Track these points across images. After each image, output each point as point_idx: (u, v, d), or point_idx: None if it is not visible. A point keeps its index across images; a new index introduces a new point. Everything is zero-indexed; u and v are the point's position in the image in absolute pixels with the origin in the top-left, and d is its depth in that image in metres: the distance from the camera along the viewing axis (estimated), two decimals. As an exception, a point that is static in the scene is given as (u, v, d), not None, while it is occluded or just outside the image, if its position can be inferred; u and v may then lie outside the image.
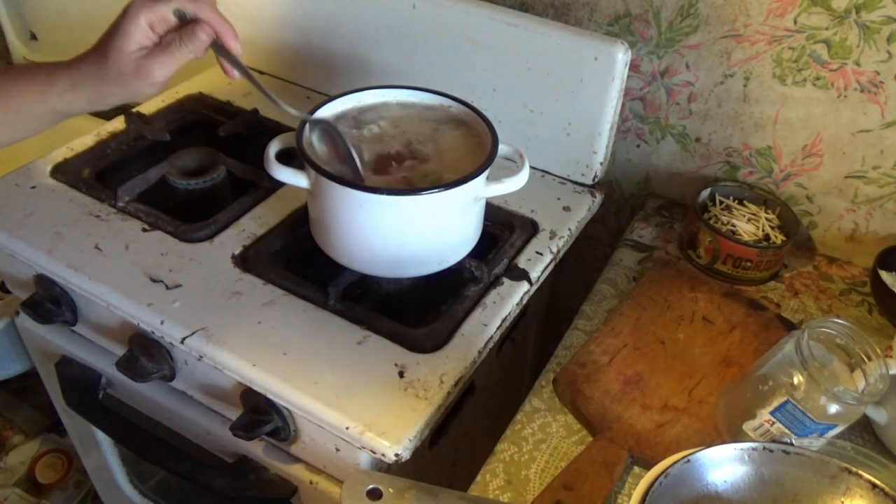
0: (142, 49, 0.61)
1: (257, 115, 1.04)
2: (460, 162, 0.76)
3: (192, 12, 0.62)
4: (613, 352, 0.76)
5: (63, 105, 0.63)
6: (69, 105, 0.63)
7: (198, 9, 0.62)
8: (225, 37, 0.63)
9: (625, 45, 0.84)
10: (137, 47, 0.61)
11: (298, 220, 0.86)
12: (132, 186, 0.88)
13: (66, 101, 0.63)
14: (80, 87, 0.62)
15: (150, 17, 0.60)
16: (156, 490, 1.16)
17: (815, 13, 0.81)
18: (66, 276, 0.78)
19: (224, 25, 0.63)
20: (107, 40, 0.61)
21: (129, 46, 0.60)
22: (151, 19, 0.60)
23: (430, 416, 0.66)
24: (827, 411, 0.61)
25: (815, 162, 0.90)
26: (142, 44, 0.61)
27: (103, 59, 0.61)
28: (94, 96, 0.63)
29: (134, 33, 0.60)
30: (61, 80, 0.62)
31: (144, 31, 0.61)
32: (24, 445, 1.44)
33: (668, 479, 0.52)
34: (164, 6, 0.61)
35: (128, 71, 0.61)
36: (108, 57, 0.60)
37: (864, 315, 0.86)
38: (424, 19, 0.94)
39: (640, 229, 0.97)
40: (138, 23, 0.60)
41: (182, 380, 0.82)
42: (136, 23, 0.60)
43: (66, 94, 0.62)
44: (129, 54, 0.60)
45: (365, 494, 0.54)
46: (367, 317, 0.75)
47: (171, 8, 0.61)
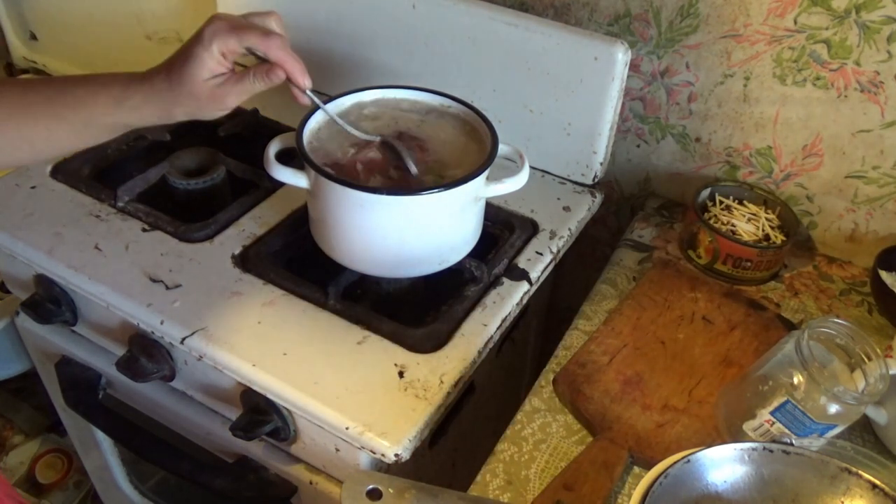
0: (215, 77, 0.63)
1: (257, 115, 1.04)
2: (460, 161, 0.76)
3: (263, 51, 0.64)
4: (613, 352, 0.76)
5: (133, 119, 0.65)
6: (139, 119, 0.65)
7: (268, 49, 0.63)
8: (294, 76, 0.66)
9: (625, 45, 0.84)
10: (211, 75, 0.63)
11: (298, 220, 0.86)
12: (132, 186, 0.88)
13: (137, 116, 0.64)
14: (152, 104, 0.64)
15: (223, 48, 0.62)
16: (156, 490, 1.16)
17: (815, 13, 0.81)
18: (66, 276, 0.78)
19: (294, 65, 0.65)
20: (181, 63, 0.62)
21: (203, 75, 0.62)
22: (224, 50, 0.62)
23: (430, 417, 0.66)
24: (827, 411, 0.61)
25: (815, 162, 0.90)
26: (214, 71, 0.63)
27: (178, 82, 0.62)
28: (164, 113, 0.64)
29: (208, 62, 0.62)
30: (135, 95, 0.63)
31: (218, 60, 0.62)
32: (24, 445, 1.44)
33: (668, 479, 0.52)
34: (237, 41, 0.62)
35: (201, 96, 0.63)
36: (183, 81, 0.62)
37: (864, 315, 0.86)
38: (424, 19, 0.94)
39: (640, 229, 0.97)
40: (212, 53, 0.62)
41: (182, 380, 0.82)
42: (210, 53, 0.62)
43: (138, 109, 0.64)
44: (203, 81, 0.62)
45: (365, 494, 0.54)
46: (367, 317, 0.75)
47: (242, 45, 0.63)
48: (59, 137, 0.64)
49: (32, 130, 0.63)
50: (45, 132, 0.63)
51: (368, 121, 0.80)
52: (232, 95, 0.64)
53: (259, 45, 0.63)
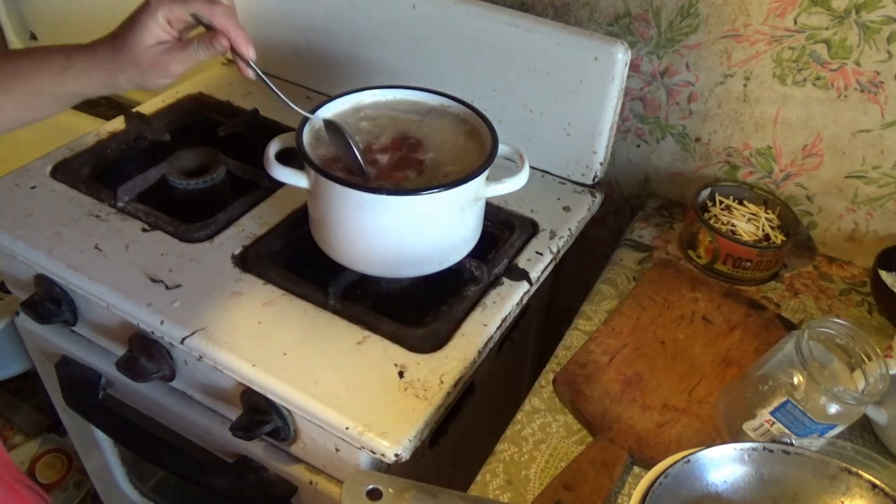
0: (160, 43, 0.64)
1: (257, 115, 1.04)
2: (460, 161, 0.76)
3: (207, 19, 0.64)
4: (613, 352, 0.76)
5: (79, 87, 0.65)
6: (85, 87, 0.66)
7: (213, 15, 0.64)
8: (238, 44, 0.66)
9: (625, 45, 0.84)
10: (155, 41, 0.63)
11: (298, 220, 0.86)
12: (132, 186, 0.88)
13: (82, 84, 0.65)
14: (96, 71, 0.64)
15: (169, 15, 0.63)
16: (156, 490, 1.16)
17: (815, 13, 0.81)
18: (66, 276, 0.78)
19: (237, 34, 0.65)
20: (125, 31, 0.63)
21: (147, 40, 0.63)
22: (169, 17, 0.63)
23: (430, 417, 0.66)
24: (827, 411, 0.61)
25: (815, 162, 0.90)
26: (160, 38, 0.64)
27: (121, 49, 0.63)
28: (109, 81, 0.65)
29: (153, 28, 0.63)
30: (79, 63, 0.64)
31: (163, 27, 0.63)
32: (24, 445, 1.44)
33: (668, 479, 0.52)
34: (182, 8, 0.63)
35: (145, 63, 0.64)
36: (126, 47, 0.63)
37: (864, 315, 0.86)
38: (424, 19, 0.94)
39: (640, 229, 0.97)
40: (157, 19, 0.62)
41: (182, 380, 0.82)
42: (155, 19, 0.62)
43: (82, 76, 0.64)
44: (147, 48, 0.63)
45: (365, 494, 0.54)
46: (367, 317, 0.75)
47: (188, 10, 0.63)
48: (7, 110, 0.65)
49: None
50: None
51: (368, 121, 0.80)
52: (175, 62, 0.64)
53: (203, 10, 0.63)
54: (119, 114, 1.02)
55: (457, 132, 0.79)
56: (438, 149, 0.77)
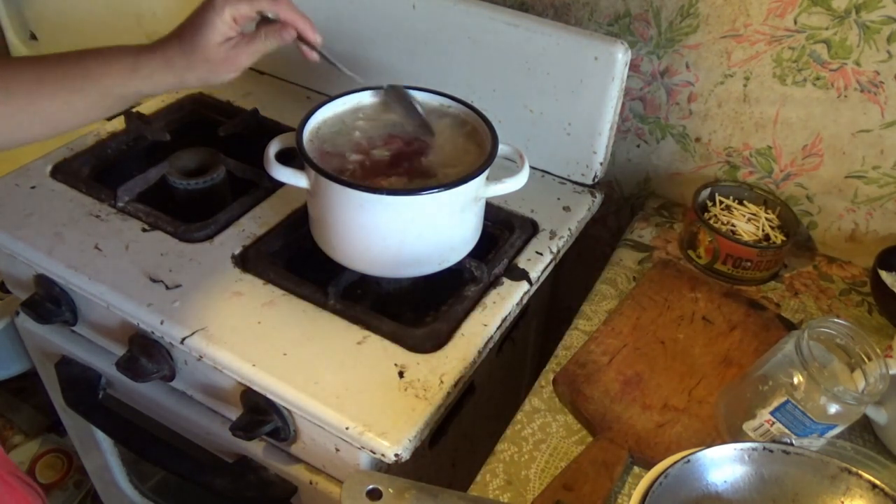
0: (227, 40, 0.66)
1: (257, 115, 1.04)
2: (460, 161, 0.76)
3: (273, 13, 0.67)
4: (613, 352, 0.76)
5: (148, 87, 0.67)
6: (154, 87, 0.67)
7: (279, 9, 0.67)
8: (307, 33, 0.69)
9: (625, 45, 0.84)
10: (223, 39, 0.65)
11: (298, 220, 0.86)
12: (132, 186, 0.88)
13: (151, 84, 0.66)
14: (166, 71, 0.66)
15: (234, 12, 0.65)
16: (156, 490, 1.16)
17: (815, 13, 0.81)
18: (66, 276, 0.78)
19: (304, 23, 0.69)
20: (192, 30, 0.65)
21: (215, 38, 0.65)
22: (235, 15, 0.65)
23: (430, 417, 0.66)
24: (827, 411, 0.61)
25: (815, 162, 0.90)
26: (227, 35, 0.65)
27: (191, 48, 0.65)
28: (178, 80, 0.67)
29: (220, 27, 0.64)
30: (149, 63, 0.65)
31: (229, 24, 0.65)
32: (24, 445, 1.44)
33: (668, 479, 0.52)
34: (248, 6, 0.65)
35: (216, 59, 0.65)
36: (196, 46, 0.65)
37: (864, 315, 0.86)
38: (424, 19, 0.94)
39: (640, 229, 0.97)
40: (223, 17, 0.64)
41: (182, 380, 0.82)
42: (222, 17, 0.64)
43: (152, 76, 0.66)
44: (217, 45, 0.65)
45: (365, 494, 0.54)
46: (367, 317, 0.75)
47: (254, 8, 0.66)
48: (77, 110, 0.66)
49: (51, 105, 0.64)
50: (63, 105, 0.64)
51: (368, 121, 0.80)
52: (244, 56, 0.66)
53: (270, 7, 0.66)
54: (119, 113, 1.02)
55: (457, 132, 0.79)
56: (438, 149, 0.77)
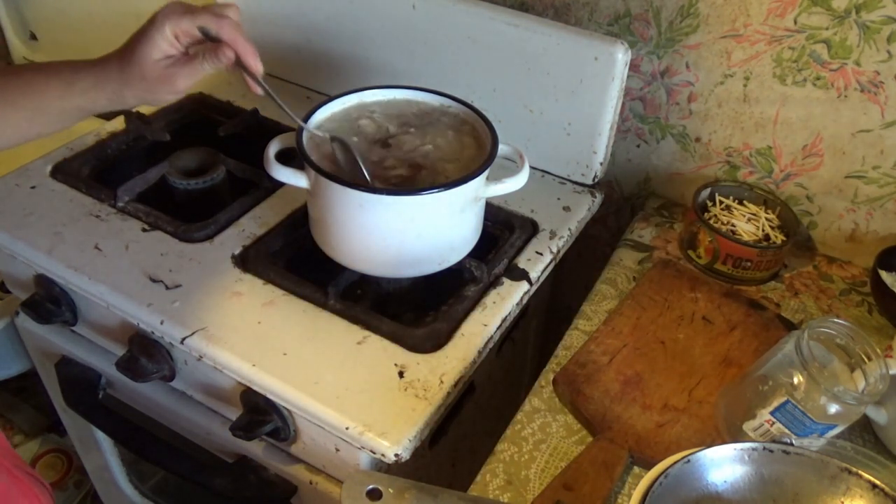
0: (167, 58, 0.64)
1: (257, 115, 1.04)
2: (460, 161, 0.76)
3: (215, 31, 0.64)
4: (613, 352, 0.76)
5: (86, 102, 0.65)
6: (91, 103, 0.65)
7: (220, 28, 0.64)
8: (246, 57, 0.66)
9: (625, 45, 0.84)
10: (162, 56, 0.64)
11: (298, 220, 0.86)
12: (132, 186, 0.88)
13: (88, 99, 0.65)
14: (102, 87, 0.64)
15: (176, 29, 0.63)
16: (156, 490, 1.16)
17: (815, 13, 0.81)
18: (66, 276, 0.78)
19: (245, 46, 0.65)
20: (133, 46, 0.63)
21: (154, 55, 0.63)
22: (177, 31, 0.63)
23: (430, 416, 0.66)
24: (827, 411, 0.61)
25: (815, 162, 0.90)
26: (167, 53, 0.64)
27: (128, 64, 0.63)
28: (115, 97, 0.65)
29: (160, 43, 0.63)
30: (86, 78, 0.64)
31: (170, 41, 0.63)
32: (24, 445, 1.44)
33: (668, 479, 0.52)
34: (190, 21, 0.63)
35: (152, 77, 0.64)
36: (133, 62, 0.63)
37: (864, 315, 0.86)
38: (424, 19, 0.94)
39: (640, 229, 0.97)
40: (164, 34, 0.63)
41: (182, 380, 0.82)
42: (162, 33, 0.62)
43: (89, 91, 0.64)
44: (154, 62, 0.63)
45: (365, 494, 0.54)
46: (367, 317, 0.75)
47: (196, 24, 0.64)
48: (13, 124, 0.65)
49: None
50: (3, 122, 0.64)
51: (368, 120, 0.80)
52: (181, 77, 0.64)
53: (211, 24, 0.64)
54: (119, 114, 1.02)
55: (457, 132, 0.79)
56: (438, 149, 0.77)
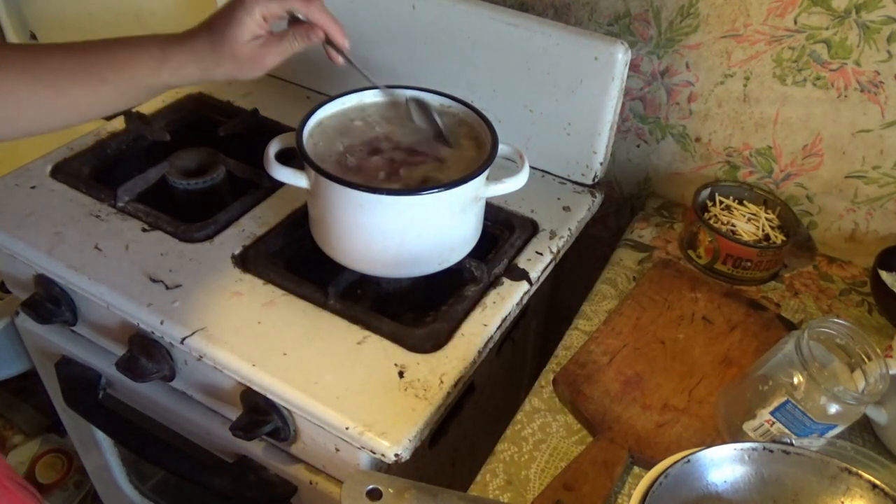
0: (255, 38, 0.65)
1: (257, 115, 1.04)
2: (460, 161, 0.76)
3: (304, 14, 0.66)
4: (613, 352, 0.76)
5: (175, 80, 0.66)
6: (180, 80, 0.67)
7: (309, 11, 0.67)
8: (335, 36, 0.69)
9: (625, 45, 0.84)
10: (251, 36, 0.65)
11: (298, 220, 0.86)
12: (132, 186, 0.88)
13: (178, 77, 0.66)
14: (193, 66, 0.66)
15: (265, 11, 0.64)
16: (156, 490, 1.16)
17: (815, 13, 0.81)
18: (66, 276, 0.78)
19: (333, 26, 0.69)
20: (222, 27, 0.64)
21: (244, 36, 0.64)
22: (265, 13, 0.65)
23: (430, 416, 0.66)
24: (827, 411, 0.61)
25: (815, 162, 0.90)
26: (255, 33, 0.65)
27: (219, 43, 0.64)
28: (205, 74, 0.66)
29: (249, 25, 0.64)
30: (176, 57, 0.65)
31: (259, 23, 0.65)
32: (24, 445, 1.44)
33: (668, 479, 0.52)
34: (279, 5, 0.65)
35: (242, 56, 0.65)
36: (225, 43, 0.64)
37: (864, 315, 0.86)
38: (424, 19, 0.94)
39: (640, 229, 0.97)
40: (253, 16, 0.64)
41: (182, 380, 0.82)
42: (252, 16, 0.64)
43: (179, 70, 0.66)
44: (243, 42, 0.65)
45: (365, 494, 0.54)
46: (367, 317, 0.75)
47: (285, 7, 0.65)
48: (103, 99, 0.66)
49: (79, 93, 0.64)
50: (90, 94, 0.65)
51: (368, 120, 0.80)
52: (272, 55, 0.66)
53: (301, 7, 0.66)
54: (119, 114, 1.02)
55: (456, 132, 0.79)
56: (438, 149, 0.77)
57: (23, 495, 0.68)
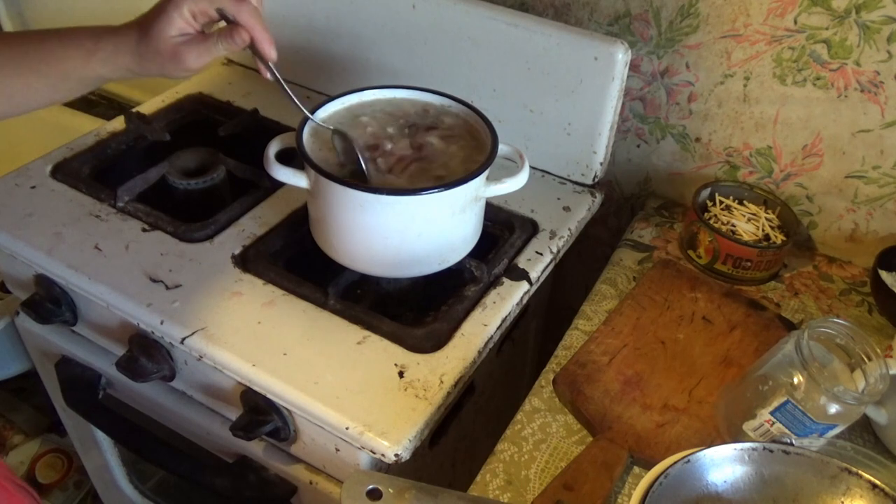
0: (182, 35, 0.64)
1: (257, 115, 1.04)
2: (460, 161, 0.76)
3: (232, 14, 0.64)
4: (613, 352, 0.76)
5: (106, 71, 0.66)
6: (111, 72, 0.66)
7: (238, 12, 0.64)
8: (261, 44, 0.66)
9: (625, 45, 0.84)
10: (178, 33, 0.64)
11: (298, 220, 0.86)
12: (132, 186, 0.88)
13: (108, 69, 0.65)
14: (121, 57, 0.65)
15: (194, 7, 0.63)
16: (156, 490, 1.16)
17: (815, 13, 0.81)
18: (66, 276, 0.78)
19: (261, 33, 0.66)
20: (150, 20, 0.64)
21: (168, 31, 0.63)
22: (194, 10, 0.63)
23: (430, 417, 0.66)
24: (827, 411, 0.61)
25: (815, 162, 0.90)
26: (182, 30, 0.64)
27: (144, 36, 0.64)
28: (134, 66, 0.65)
29: (176, 20, 0.63)
30: (105, 47, 0.64)
31: (186, 19, 0.63)
32: (24, 445, 1.44)
33: (668, 479, 0.52)
34: (208, 2, 0.63)
35: (164, 53, 0.64)
36: (150, 36, 0.63)
37: (864, 315, 0.86)
38: (424, 19, 0.94)
39: (640, 229, 0.97)
40: (181, 11, 0.63)
41: (182, 380, 0.82)
42: (180, 11, 0.63)
43: (109, 60, 0.65)
44: (168, 38, 0.63)
45: (365, 494, 0.54)
46: (367, 317, 0.75)
47: (214, 5, 0.64)
48: (37, 90, 0.65)
49: (11, 85, 0.64)
50: (23, 87, 0.64)
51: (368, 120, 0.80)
52: (193, 55, 0.64)
53: (230, 7, 0.64)
54: (119, 114, 1.02)
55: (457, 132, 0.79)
56: (438, 149, 0.77)
57: (21, 496, 0.68)
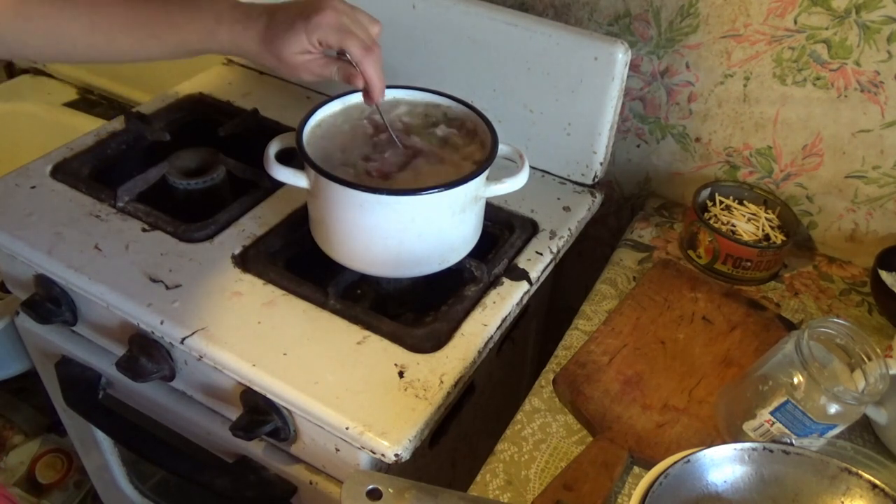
0: (304, 53, 0.67)
1: (257, 115, 1.04)
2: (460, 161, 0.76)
3: (356, 61, 0.68)
4: (613, 352, 0.76)
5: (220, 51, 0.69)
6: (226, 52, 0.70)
7: (362, 61, 0.68)
8: (374, 92, 0.71)
9: (625, 45, 0.84)
10: (301, 51, 0.67)
11: (298, 220, 0.86)
12: (132, 186, 0.88)
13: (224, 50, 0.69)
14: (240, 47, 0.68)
15: (323, 38, 0.66)
16: (156, 490, 1.16)
17: (815, 13, 0.81)
18: (66, 276, 0.78)
19: (378, 84, 0.70)
20: (281, 27, 0.66)
21: (294, 48, 0.66)
22: (322, 40, 0.66)
23: (430, 416, 0.66)
24: (827, 411, 0.61)
25: (815, 162, 0.90)
26: (306, 50, 0.67)
27: (270, 40, 0.66)
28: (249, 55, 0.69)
29: (304, 42, 0.66)
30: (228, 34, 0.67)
31: (313, 45, 0.67)
32: (24, 445, 1.44)
33: (668, 479, 0.52)
34: (336, 39, 0.66)
35: (285, 61, 0.68)
36: (275, 43, 0.66)
37: (864, 315, 0.86)
38: (424, 19, 0.94)
39: (640, 229, 0.97)
40: (311, 38, 0.66)
41: (182, 380, 0.82)
42: (310, 37, 0.66)
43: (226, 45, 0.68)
44: (291, 53, 0.67)
45: (365, 494, 0.54)
46: (367, 317, 0.75)
47: (341, 44, 0.67)
48: (149, 51, 0.68)
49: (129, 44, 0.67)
50: (138, 46, 0.67)
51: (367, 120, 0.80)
52: (311, 72, 0.69)
53: (356, 54, 0.67)
54: (119, 114, 1.02)
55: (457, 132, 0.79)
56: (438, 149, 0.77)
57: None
